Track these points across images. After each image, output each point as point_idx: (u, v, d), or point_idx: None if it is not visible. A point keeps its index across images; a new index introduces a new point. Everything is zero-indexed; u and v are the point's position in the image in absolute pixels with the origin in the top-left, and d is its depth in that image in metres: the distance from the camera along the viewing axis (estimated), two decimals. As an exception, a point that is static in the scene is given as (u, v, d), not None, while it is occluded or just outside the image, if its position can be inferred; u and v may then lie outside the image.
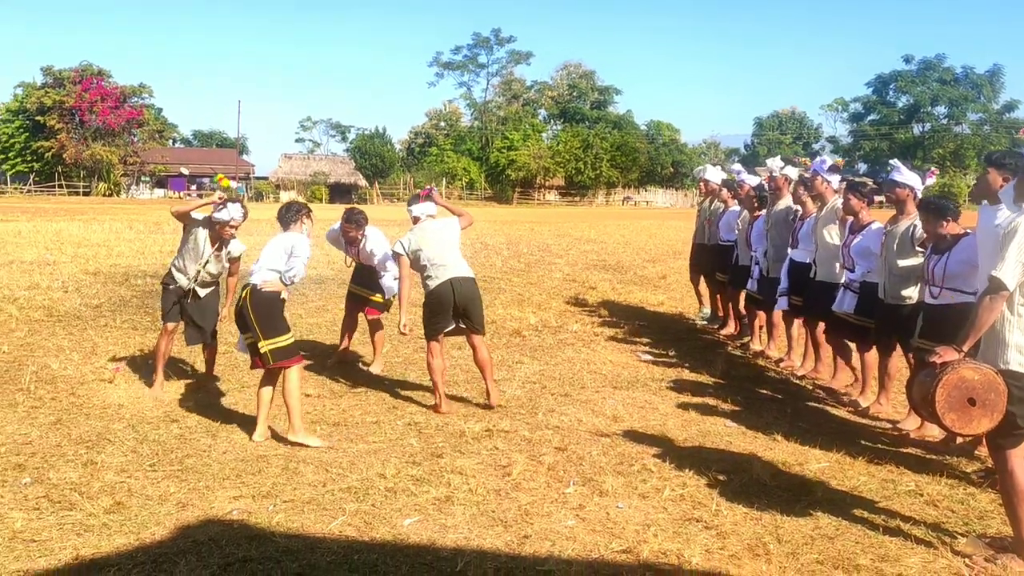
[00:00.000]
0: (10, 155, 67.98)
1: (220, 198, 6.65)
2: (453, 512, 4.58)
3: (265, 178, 76.58)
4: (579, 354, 8.84)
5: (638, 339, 9.75)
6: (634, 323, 10.74)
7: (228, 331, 7.71)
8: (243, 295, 5.78)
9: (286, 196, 67.94)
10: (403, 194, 71.43)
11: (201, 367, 7.42)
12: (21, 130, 67.53)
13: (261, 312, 5.66)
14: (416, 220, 6.75)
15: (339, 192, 71.41)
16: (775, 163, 8.67)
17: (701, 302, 11.34)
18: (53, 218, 28.59)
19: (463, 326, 6.61)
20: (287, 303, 5.97)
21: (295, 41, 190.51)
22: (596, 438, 5.96)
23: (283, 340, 5.69)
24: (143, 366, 7.56)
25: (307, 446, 5.58)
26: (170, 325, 6.91)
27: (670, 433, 6.15)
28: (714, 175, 10.50)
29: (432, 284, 6.48)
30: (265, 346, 5.63)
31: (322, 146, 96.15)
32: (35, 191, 64.87)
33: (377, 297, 7.87)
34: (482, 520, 4.49)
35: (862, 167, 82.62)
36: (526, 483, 5.03)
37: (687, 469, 5.28)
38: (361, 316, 8.14)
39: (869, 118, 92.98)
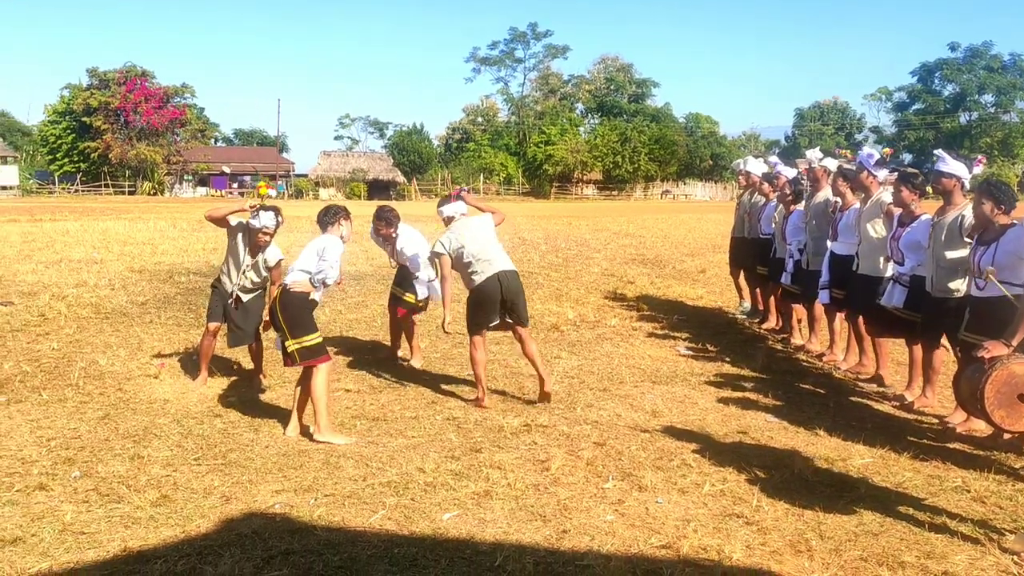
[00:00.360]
0: (58, 156, 69.63)
1: (252, 207, 6.71)
2: (492, 507, 4.59)
3: (305, 175, 77.37)
4: (617, 349, 8.81)
5: (677, 333, 9.68)
6: (673, 317, 10.67)
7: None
8: (275, 295, 5.86)
9: (325, 193, 68.72)
10: (441, 190, 71.67)
11: (246, 364, 7.52)
12: (68, 131, 69.09)
13: (289, 312, 5.74)
14: (450, 219, 6.75)
15: (377, 189, 71.87)
16: (814, 154, 8.58)
17: (741, 296, 11.24)
18: (100, 217, 29.18)
19: (508, 320, 6.63)
20: (327, 299, 6.02)
21: (333, 39, 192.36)
22: (635, 433, 5.93)
23: (310, 339, 5.75)
24: (188, 362, 7.70)
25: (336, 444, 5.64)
26: (212, 325, 7.01)
27: (710, 428, 6.10)
28: (756, 167, 10.37)
29: (479, 279, 6.49)
30: (292, 345, 5.71)
31: (360, 143, 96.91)
32: (82, 191, 66.34)
33: (409, 297, 7.80)
34: (521, 515, 4.50)
35: (907, 157, 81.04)
36: (565, 478, 5.03)
37: (727, 464, 5.24)
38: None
39: (914, 107, 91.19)
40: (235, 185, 71.79)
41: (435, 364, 8.03)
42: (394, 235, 7.69)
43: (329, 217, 6.02)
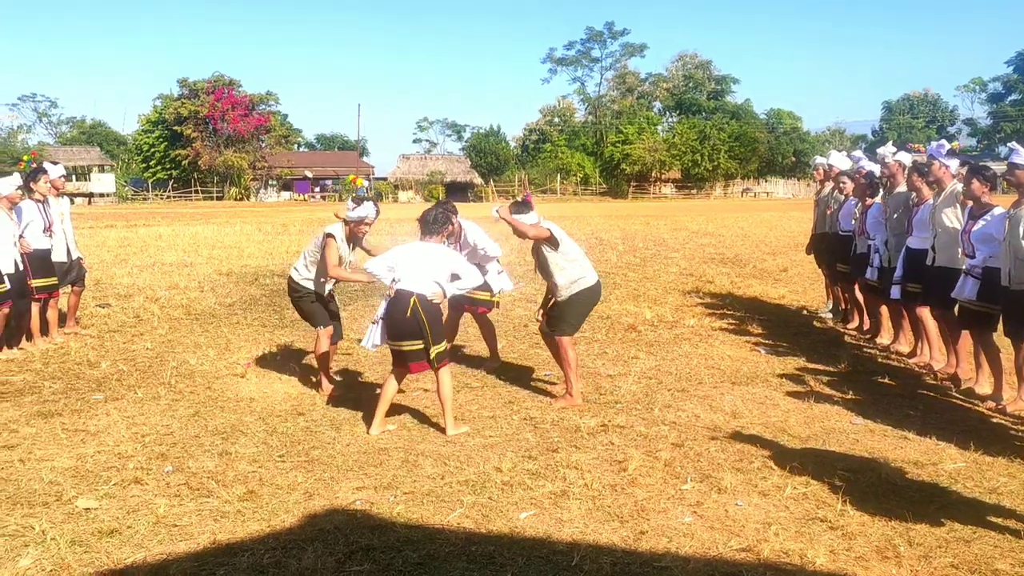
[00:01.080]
0: (151, 163, 72.72)
1: (356, 197, 6.81)
2: (569, 506, 4.59)
3: (384, 178, 78.68)
4: (696, 349, 8.69)
5: (757, 333, 9.49)
6: (753, 317, 10.45)
7: (350, 328, 7.97)
8: (412, 303, 5.78)
9: (404, 196, 69.79)
10: (518, 191, 71.96)
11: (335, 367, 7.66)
12: (161, 139, 72.08)
13: (433, 321, 5.88)
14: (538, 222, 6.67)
15: (455, 190, 72.52)
16: (887, 149, 8.42)
17: (828, 296, 10.90)
18: (190, 222, 30.29)
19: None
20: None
21: (411, 43, 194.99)
22: (714, 434, 5.84)
23: (443, 345, 5.96)
24: (272, 362, 7.92)
25: (461, 432, 5.89)
26: (327, 329, 7.00)
27: (791, 430, 5.97)
28: (839, 160, 10.10)
29: (589, 279, 6.64)
30: (435, 350, 5.86)
31: (438, 146, 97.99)
32: (174, 197, 69.01)
33: (483, 295, 7.59)
34: (598, 515, 4.48)
35: (1003, 150, 77.54)
36: (642, 479, 4.99)
37: (810, 467, 5.12)
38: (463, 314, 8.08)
39: (1010, 98, 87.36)
40: (317, 189, 73.62)
41: (512, 365, 8.06)
42: (458, 229, 7.39)
43: (438, 226, 6.10)
